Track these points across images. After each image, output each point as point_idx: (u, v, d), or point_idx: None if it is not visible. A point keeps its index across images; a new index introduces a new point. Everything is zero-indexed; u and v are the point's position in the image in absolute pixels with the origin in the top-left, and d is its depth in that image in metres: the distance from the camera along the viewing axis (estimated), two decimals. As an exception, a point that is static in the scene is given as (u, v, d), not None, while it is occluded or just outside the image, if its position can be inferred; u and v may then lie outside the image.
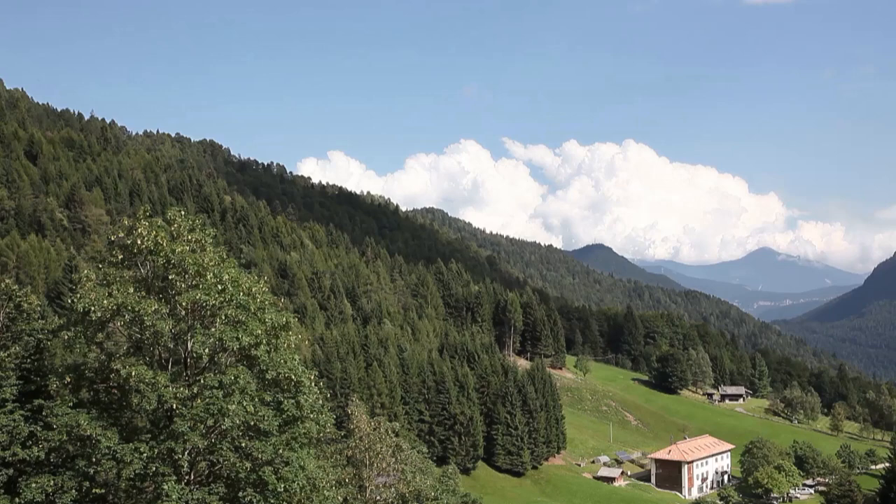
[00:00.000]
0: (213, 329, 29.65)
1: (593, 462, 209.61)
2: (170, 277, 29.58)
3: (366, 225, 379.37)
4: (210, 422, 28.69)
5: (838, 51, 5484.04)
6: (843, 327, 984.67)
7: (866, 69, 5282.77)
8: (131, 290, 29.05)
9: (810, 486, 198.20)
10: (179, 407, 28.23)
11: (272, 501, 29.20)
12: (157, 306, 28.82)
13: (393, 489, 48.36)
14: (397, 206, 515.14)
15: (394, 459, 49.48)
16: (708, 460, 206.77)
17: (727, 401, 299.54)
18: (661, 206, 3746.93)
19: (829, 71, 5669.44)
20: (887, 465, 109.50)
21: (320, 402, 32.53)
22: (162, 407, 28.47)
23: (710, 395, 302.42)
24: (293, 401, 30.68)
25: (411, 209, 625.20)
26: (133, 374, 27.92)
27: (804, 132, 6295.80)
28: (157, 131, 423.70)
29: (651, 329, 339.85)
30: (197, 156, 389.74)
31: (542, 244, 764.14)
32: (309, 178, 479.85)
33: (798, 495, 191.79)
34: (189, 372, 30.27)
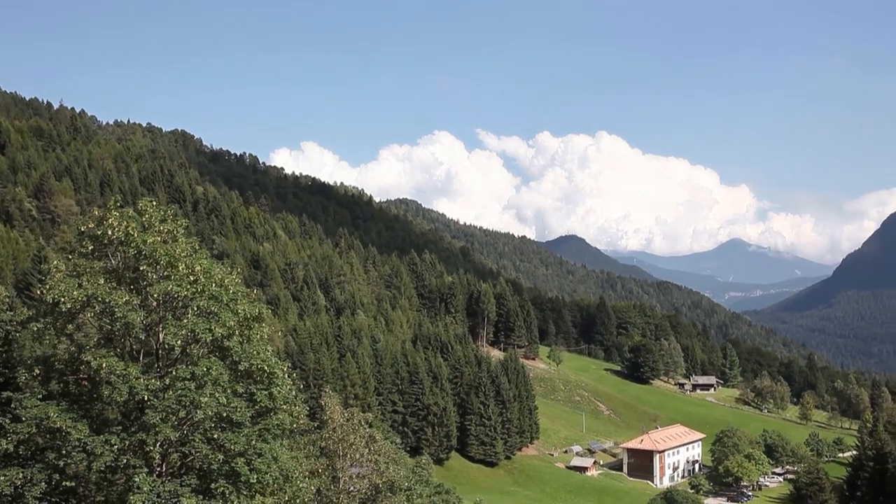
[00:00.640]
0: (185, 320, 29.46)
1: (566, 452, 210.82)
2: (141, 268, 29.32)
3: (339, 216, 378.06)
4: (182, 413, 28.54)
5: (809, 42, 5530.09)
6: (813, 317, 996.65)
7: (837, 61, 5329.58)
8: (102, 281, 28.77)
9: (779, 475, 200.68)
10: (151, 398, 28.04)
11: (245, 493, 29.11)
12: (128, 297, 28.57)
13: (366, 480, 48.36)
14: (371, 196, 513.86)
15: (367, 450, 49.45)
16: (679, 449, 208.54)
17: (698, 390, 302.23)
18: (633, 198, 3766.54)
19: (799, 63, 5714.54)
20: (854, 453, 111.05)
21: (293, 393, 32.44)
22: (133, 398, 28.25)
23: (681, 385, 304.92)
24: (266, 392, 30.55)
25: (385, 200, 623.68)
26: (104, 365, 27.67)
27: (775, 124, 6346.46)
28: (128, 121, 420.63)
29: (623, 320, 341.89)
30: (168, 146, 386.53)
31: (516, 235, 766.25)
32: (282, 169, 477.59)
33: (767, 483, 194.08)
34: (161, 363, 30.06)
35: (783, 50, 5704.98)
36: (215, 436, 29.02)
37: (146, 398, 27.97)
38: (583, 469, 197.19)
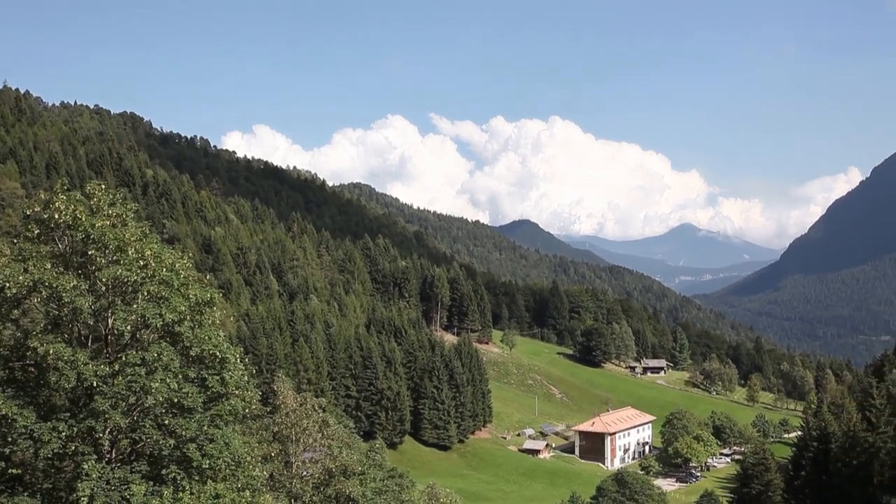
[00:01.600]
0: (134, 305, 29.04)
1: (519, 435, 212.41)
2: (89, 253, 28.83)
3: (292, 200, 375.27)
4: (132, 399, 28.18)
5: (759, 30, 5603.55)
6: (760, 301, 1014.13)
7: (786, 48, 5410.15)
8: (48, 265, 28.24)
9: (727, 455, 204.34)
10: (100, 385, 27.64)
11: (197, 478, 28.89)
12: (75, 282, 28.08)
13: (319, 464, 48.28)
14: (324, 181, 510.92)
15: (320, 435, 49.36)
16: (630, 432, 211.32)
17: (649, 373, 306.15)
18: (586, 183, 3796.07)
19: (749, 49, 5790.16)
20: (799, 433, 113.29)
21: (245, 378, 32.21)
22: (81, 385, 27.81)
23: (632, 369, 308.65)
24: (218, 377, 30.29)
25: (338, 184, 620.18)
26: (51, 351, 27.21)
27: (725, 111, 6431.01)
28: (75, 103, 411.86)
29: (576, 304, 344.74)
30: (117, 128, 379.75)
31: (470, 220, 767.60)
32: (234, 153, 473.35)
33: (715, 464, 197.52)
34: (110, 349, 29.63)
35: (733, 36, 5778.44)
36: (166, 422, 28.72)
37: (95, 384, 27.55)
38: (535, 452, 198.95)
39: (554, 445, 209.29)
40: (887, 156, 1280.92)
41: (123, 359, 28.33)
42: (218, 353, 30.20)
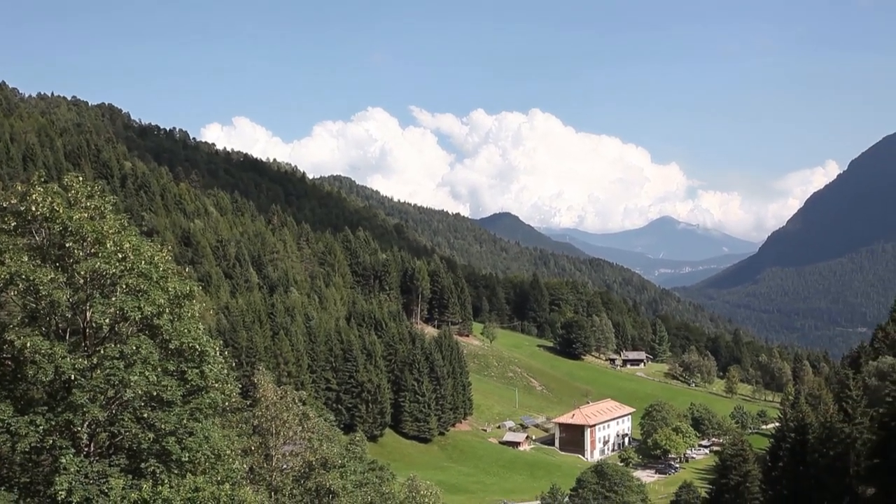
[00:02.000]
0: (113, 298, 28.87)
1: (499, 427, 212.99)
2: (67, 245, 28.63)
3: (272, 192, 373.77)
4: (111, 393, 28.03)
5: (738, 23, 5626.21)
6: (739, 293, 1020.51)
7: (765, 42, 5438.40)
8: (25, 258, 28.02)
9: (706, 447, 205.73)
10: (78, 378, 27.47)
11: (176, 472, 28.80)
12: (53, 275, 27.89)
13: (299, 457, 48.22)
14: (304, 173, 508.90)
15: (300, 428, 49.28)
16: (609, 424, 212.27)
17: (629, 366, 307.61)
18: (566, 176, 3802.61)
19: (728, 43, 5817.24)
20: (777, 424, 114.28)
21: (225, 371, 32.10)
22: (59, 378, 27.65)
23: (612, 361, 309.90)
24: (197, 370, 30.19)
25: (318, 177, 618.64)
26: (28, 344, 27.02)
27: (705, 105, 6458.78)
28: (52, 94, 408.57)
29: (556, 296, 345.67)
30: (95, 120, 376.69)
31: (450, 212, 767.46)
32: (213, 145, 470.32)
33: (694, 455, 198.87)
34: (88, 342, 29.46)
35: (713, 29, 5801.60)
36: (145, 415, 28.59)
37: (73, 377, 27.40)
38: (515, 444, 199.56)
39: (534, 438, 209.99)
40: (864, 149, 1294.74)
41: (102, 352, 28.18)
42: (197, 346, 30.09)
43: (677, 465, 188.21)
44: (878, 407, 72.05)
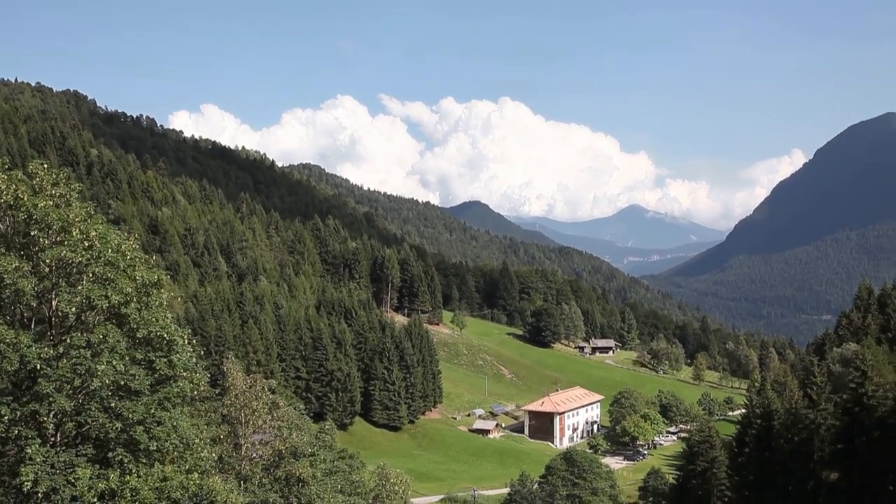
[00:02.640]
0: (79, 287, 28.60)
1: (469, 415, 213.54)
2: (32, 233, 28.31)
3: (241, 180, 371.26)
4: (77, 382, 27.79)
5: (705, 12, 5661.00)
6: (706, 281, 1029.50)
7: (731, 31, 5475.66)
8: (-11, 246, 27.77)
9: (673, 433, 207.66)
10: (44, 367, 27.21)
11: (144, 461, 28.66)
12: (17, 263, 27.58)
13: (269, 446, 48.12)
14: (273, 161, 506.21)
15: (270, 417, 49.16)
16: (578, 411, 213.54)
17: (598, 353, 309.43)
18: (536, 164, 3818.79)
19: (695, 32, 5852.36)
20: (743, 411, 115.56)
21: (194, 360, 31.95)
22: (24, 368, 27.36)
23: (581, 349, 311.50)
24: (165, 359, 30.02)
25: (288, 165, 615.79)
26: (-8, 334, 26.80)
27: (673, 94, 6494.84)
28: (16, 80, 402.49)
29: (526, 284, 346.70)
30: (60, 107, 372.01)
31: (420, 201, 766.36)
32: (181, 132, 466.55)
33: (662, 442, 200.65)
34: (54, 331, 29.19)
35: (681, 18, 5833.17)
36: (112, 404, 28.38)
37: (38, 367, 27.13)
38: (485, 432, 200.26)
39: (503, 425, 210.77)
40: (830, 138, 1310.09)
41: (68, 341, 27.94)
42: (165, 335, 29.92)
43: (645, 452, 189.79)
44: (841, 393, 73.18)
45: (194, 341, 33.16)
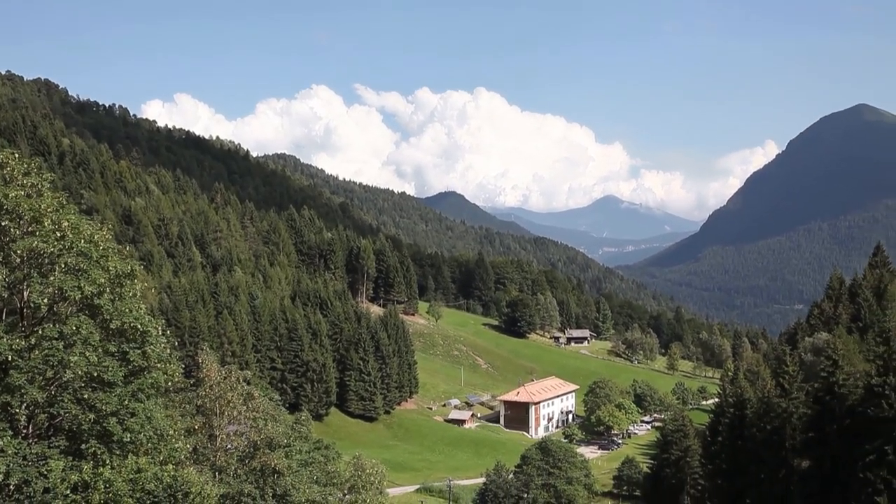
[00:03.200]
0: (51, 278, 28.35)
1: (444, 405, 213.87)
2: (3, 224, 28.01)
3: (215, 170, 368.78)
4: (49, 374, 27.58)
5: (678, 4, 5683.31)
6: (681, 272, 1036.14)
7: (706, 23, 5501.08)
8: (-41, 237, 27.47)
9: (647, 423, 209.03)
10: (15, 359, 26.97)
11: (118, 453, 28.51)
12: (-12, 254, 27.39)
13: (244, 437, 47.96)
14: (248, 151, 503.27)
15: (245, 407, 48.96)
16: (554, 401, 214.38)
17: (573, 343, 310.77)
18: (511, 155, 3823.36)
19: (670, 23, 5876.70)
20: (717, 400, 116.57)
21: (168, 351, 31.79)
22: (-4, 359, 27.17)
23: (556, 339, 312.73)
24: (139, 351, 29.85)
25: (262, 155, 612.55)
26: (-38, 325, 26.58)
27: (648, 85, 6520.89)
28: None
29: (501, 275, 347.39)
30: (31, 95, 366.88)
31: (396, 191, 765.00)
32: (154, 122, 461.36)
33: (636, 431, 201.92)
34: (26, 322, 28.94)
35: (655, 9, 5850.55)
36: (85, 396, 28.19)
37: (10, 358, 26.88)
38: (461, 422, 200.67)
39: (479, 415, 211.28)
40: (802, 129, 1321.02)
41: (40, 332, 27.72)
42: (139, 326, 29.75)
43: (620, 441, 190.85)
44: (813, 382, 73.99)
45: (168, 332, 33.00)
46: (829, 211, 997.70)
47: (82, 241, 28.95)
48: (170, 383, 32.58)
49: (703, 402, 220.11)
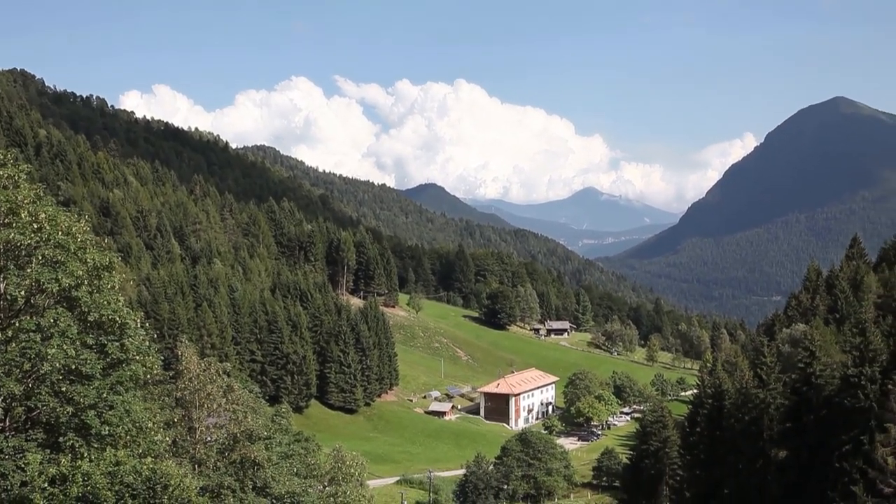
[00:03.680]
0: (28, 270, 28.13)
1: (425, 397, 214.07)
2: (-22, 216, 27.82)
3: (194, 162, 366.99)
4: (27, 366, 27.38)
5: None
6: (660, 263, 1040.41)
7: (685, 16, 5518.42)
8: (-66, 229, 27.19)
9: (627, 414, 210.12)
10: (-8, 352, 26.83)
11: (96, 446, 28.35)
12: (-36, 246, 27.13)
13: (224, 430, 47.87)
14: (227, 143, 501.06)
15: (225, 400, 48.86)
16: (534, 392, 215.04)
17: (553, 335, 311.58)
18: (491, 147, 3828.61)
19: (650, 16, 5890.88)
20: (695, 391, 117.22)
21: (147, 343, 31.62)
22: (-28, 352, 26.95)
23: (536, 331, 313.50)
24: (118, 343, 29.67)
25: (242, 147, 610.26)
26: (-62, 318, 26.34)
27: (628, 77, 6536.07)
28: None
29: (482, 267, 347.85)
30: (6, 86, 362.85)
31: (376, 183, 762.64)
32: (132, 113, 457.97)
33: (616, 422, 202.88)
34: (3, 315, 28.70)
35: (635, 2, 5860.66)
36: (63, 389, 28.00)
37: (-14, 351, 26.72)
38: (441, 414, 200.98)
39: (459, 407, 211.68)
40: (780, 122, 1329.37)
41: (17, 325, 27.51)
42: (118, 319, 29.57)
43: (599, 433, 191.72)
44: (790, 373, 74.60)
45: (147, 325, 32.84)
46: (806, 203, 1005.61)
47: (60, 232, 28.74)
48: (149, 376, 32.44)
49: (682, 394, 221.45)
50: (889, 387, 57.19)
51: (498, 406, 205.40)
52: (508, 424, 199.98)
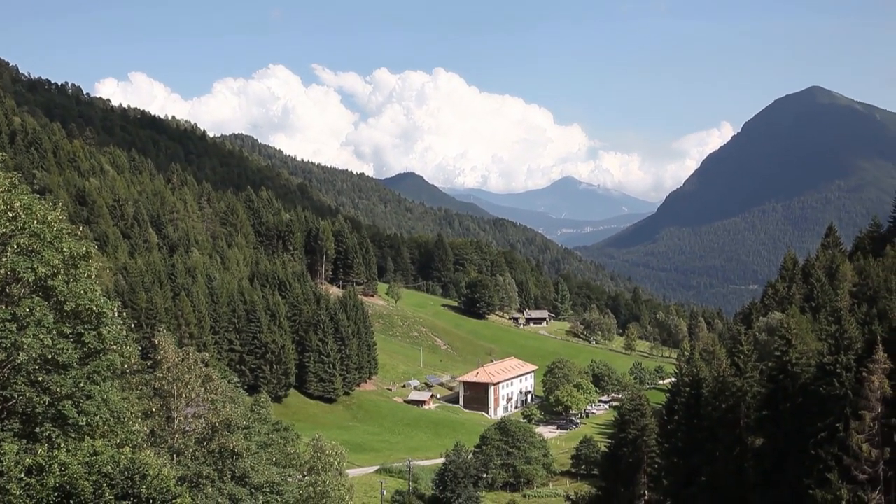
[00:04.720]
0: (3, 259, 27.89)
1: (404, 386, 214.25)
2: (-48, 204, 27.51)
3: (171, 151, 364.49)
4: (2, 356, 27.15)
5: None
6: (638, 252, 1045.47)
7: (663, 4, 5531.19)
8: None
9: (605, 402, 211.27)
10: (-33, 342, 26.56)
11: (73, 436, 28.19)
12: (-63, 235, 26.83)
13: (202, 419, 47.70)
14: (204, 131, 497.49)
15: (203, 389, 48.70)
16: (513, 381, 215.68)
17: (532, 324, 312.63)
18: (470, 136, 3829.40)
19: (627, 5, 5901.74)
20: (673, 379, 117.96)
21: (124, 333, 31.44)
22: (-53, 342, 26.67)
23: (515, 320, 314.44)
24: (94, 332, 29.49)
25: (220, 135, 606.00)
26: (-88, 308, 26.03)
27: (606, 67, 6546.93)
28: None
29: (461, 256, 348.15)
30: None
31: (355, 172, 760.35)
32: (109, 101, 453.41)
33: (594, 411, 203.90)
34: (-23, 304, 28.46)
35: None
36: (40, 378, 27.79)
37: (-38, 341, 26.44)
38: (420, 403, 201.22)
39: (439, 396, 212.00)
40: (757, 111, 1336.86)
41: (-8, 314, 27.24)
42: (94, 308, 29.36)
43: (578, 421, 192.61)
44: (767, 361, 75.22)
45: (124, 314, 32.66)
46: (783, 192, 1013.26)
47: (35, 221, 28.47)
48: (126, 365, 32.28)
49: (660, 382, 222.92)
50: (864, 374, 57.71)
51: (477, 395, 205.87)
52: (488, 413, 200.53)
